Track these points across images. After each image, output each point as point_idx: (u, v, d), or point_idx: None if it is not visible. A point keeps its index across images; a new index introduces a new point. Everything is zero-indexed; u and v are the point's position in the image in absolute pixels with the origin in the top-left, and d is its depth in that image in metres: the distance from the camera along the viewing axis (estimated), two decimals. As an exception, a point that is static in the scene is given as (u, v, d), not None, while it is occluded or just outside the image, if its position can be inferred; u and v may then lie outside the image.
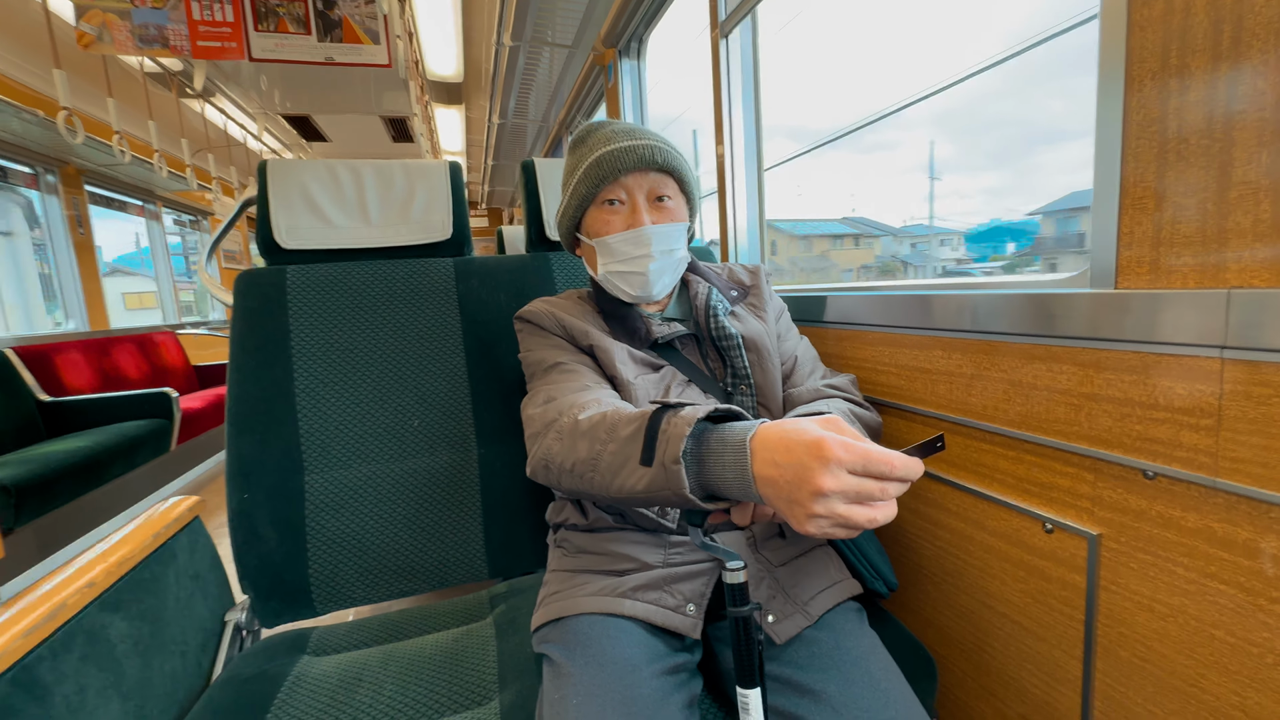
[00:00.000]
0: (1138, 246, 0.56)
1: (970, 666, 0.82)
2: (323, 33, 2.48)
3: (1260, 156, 0.47)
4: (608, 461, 0.57)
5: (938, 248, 4.69)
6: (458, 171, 1.11)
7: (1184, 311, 0.51)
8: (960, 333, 0.75)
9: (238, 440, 0.92)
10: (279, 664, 0.81)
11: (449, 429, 1.03)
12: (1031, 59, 0.98)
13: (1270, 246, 0.47)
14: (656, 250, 0.79)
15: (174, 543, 0.80)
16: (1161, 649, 0.58)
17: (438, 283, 1.07)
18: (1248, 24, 0.47)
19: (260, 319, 0.97)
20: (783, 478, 0.47)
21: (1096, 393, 0.60)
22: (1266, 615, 0.50)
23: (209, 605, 0.85)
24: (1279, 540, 0.48)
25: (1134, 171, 0.55)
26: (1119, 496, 0.60)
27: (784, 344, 0.88)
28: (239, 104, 3.55)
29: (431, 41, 3.09)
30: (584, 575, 0.75)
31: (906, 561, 0.91)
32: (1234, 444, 0.50)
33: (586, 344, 0.79)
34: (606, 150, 0.77)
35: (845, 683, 0.62)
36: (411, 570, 0.99)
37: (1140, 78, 0.54)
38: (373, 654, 0.83)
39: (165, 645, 0.73)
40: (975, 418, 0.75)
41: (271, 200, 1.00)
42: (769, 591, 0.72)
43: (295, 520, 0.93)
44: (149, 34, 2.30)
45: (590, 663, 0.62)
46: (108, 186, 3.90)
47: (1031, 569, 0.70)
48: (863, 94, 10.05)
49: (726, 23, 1.38)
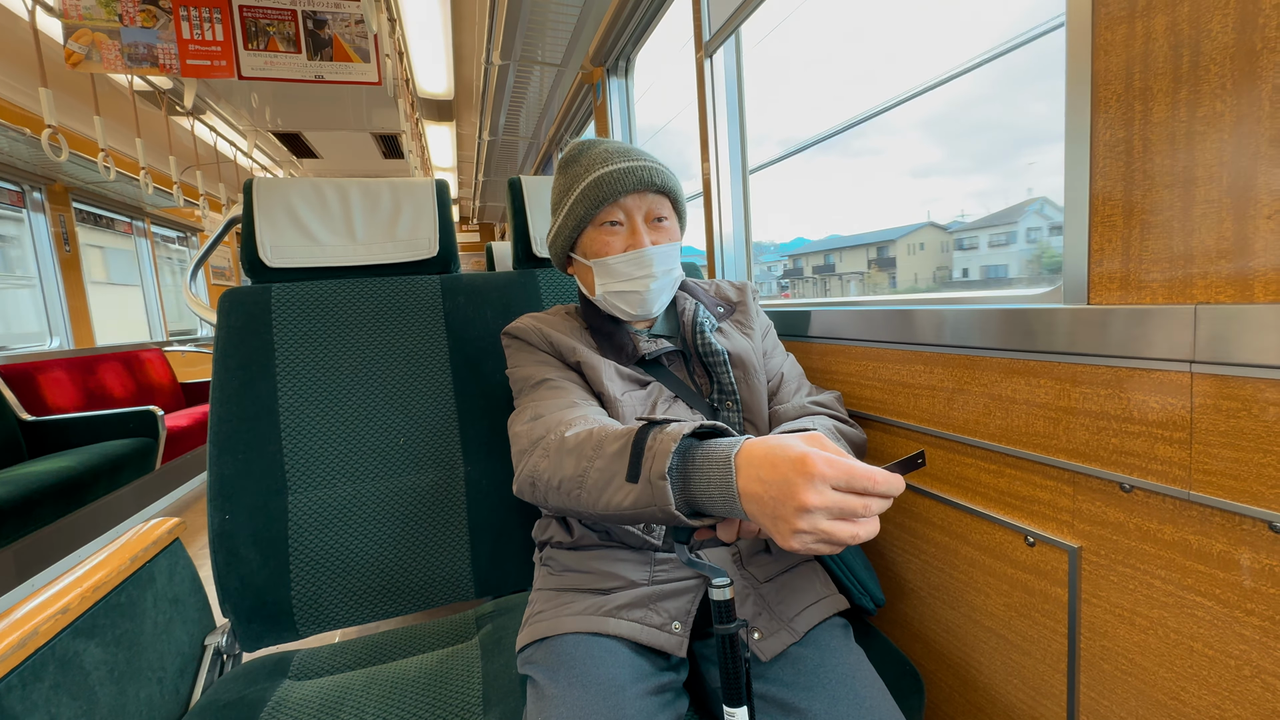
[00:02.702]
0: (1108, 263, 0.57)
1: (957, 682, 0.81)
2: (313, 51, 2.50)
3: (1221, 176, 0.48)
4: (594, 478, 0.57)
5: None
6: (444, 189, 1.11)
7: (1154, 327, 0.52)
8: (941, 347, 0.76)
9: (219, 460, 0.92)
10: (259, 689, 0.79)
11: (435, 447, 1.02)
12: (1013, 62, 1.00)
13: (1233, 263, 0.48)
14: (658, 270, 0.79)
15: (153, 566, 0.78)
16: (1143, 662, 0.58)
17: (424, 300, 1.07)
18: (1205, 49, 0.48)
19: (244, 337, 0.97)
20: (768, 494, 0.47)
21: (1073, 406, 0.61)
22: (1243, 627, 0.50)
23: (188, 629, 0.84)
24: (1252, 552, 0.49)
25: (1103, 189, 0.57)
26: (1098, 509, 0.60)
27: (770, 361, 0.89)
28: (229, 121, 3.55)
29: (422, 59, 3.12)
30: (569, 594, 0.75)
31: (892, 576, 0.91)
32: (1206, 457, 0.50)
33: (574, 360, 0.79)
34: (605, 171, 0.78)
35: (831, 700, 0.62)
36: (396, 590, 0.98)
37: (1106, 99, 0.56)
38: (356, 677, 0.82)
39: (142, 672, 0.71)
40: (957, 431, 0.75)
41: (257, 218, 1.00)
42: (755, 608, 0.71)
43: (278, 541, 0.92)
44: (138, 53, 2.30)
45: (574, 684, 0.62)
46: (95, 204, 3.88)
47: (1015, 582, 0.70)
48: (850, 100, 10.10)
49: (711, 43, 1.41)
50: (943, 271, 4.38)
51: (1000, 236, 1.59)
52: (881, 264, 1.84)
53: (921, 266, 5.94)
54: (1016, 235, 1.60)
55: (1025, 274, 1.64)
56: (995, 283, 1.60)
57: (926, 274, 5.47)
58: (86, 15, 2.22)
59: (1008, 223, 1.50)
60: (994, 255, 1.57)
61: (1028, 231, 1.58)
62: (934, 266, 5.49)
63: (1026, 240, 1.59)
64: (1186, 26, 0.49)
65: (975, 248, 1.48)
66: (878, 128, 1.48)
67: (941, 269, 4.50)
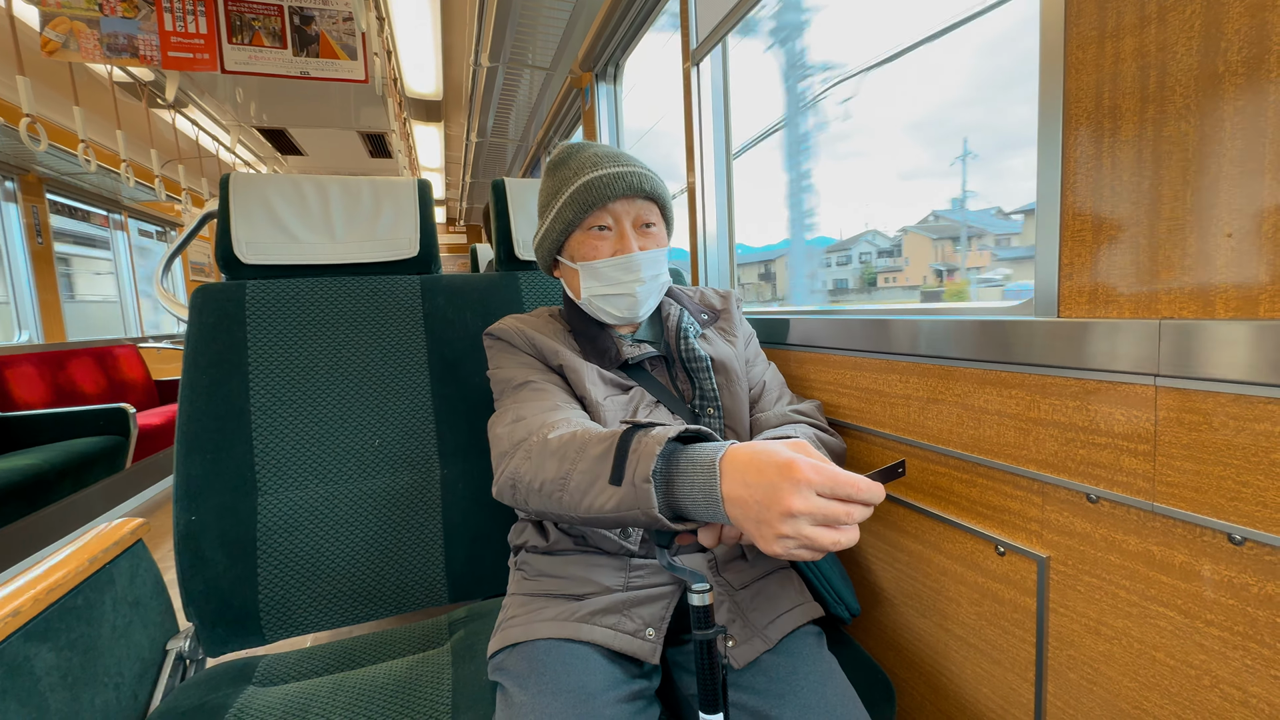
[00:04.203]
0: (1078, 277, 0.58)
1: (929, 690, 0.82)
2: (299, 47, 2.47)
3: (1185, 195, 0.49)
4: (577, 481, 0.57)
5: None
6: (426, 189, 1.10)
7: (1120, 340, 0.53)
8: (917, 357, 0.77)
9: (187, 460, 0.89)
10: (221, 695, 0.77)
11: (411, 448, 1.01)
12: (998, 66, 1.02)
13: (1195, 278, 0.49)
14: (646, 275, 0.79)
15: (113, 567, 0.76)
16: (1108, 672, 0.59)
17: (403, 300, 1.06)
18: (1171, 70, 0.49)
19: (216, 335, 0.95)
20: (752, 498, 0.47)
21: (1043, 418, 0.61)
22: (1203, 637, 0.51)
23: (150, 633, 0.81)
24: (1212, 563, 0.50)
25: (1073, 204, 0.58)
26: (1065, 519, 0.61)
27: (753, 369, 0.89)
28: (212, 115, 3.50)
29: (411, 59, 3.10)
30: (542, 599, 0.74)
31: (868, 585, 0.92)
32: (1169, 469, 0.51)
33: (557, 363, 0.79)
34: (595, 176, 0.78)
35: (802, 709, 0.62)
36: (368, 595, 0.96)
37: (1077, 117, 0.57)
38: (322, 683, 0.80)
39: (97, 677, 0.69)
40: (931, 441, 0.76)
41: (233, 213, 0.99)
42: (729, 615, 0.71)
43: (246, 543, 0.90)
44: (118, 43, 2.26)
45: (543, 691, 0.61)
46: (71, 196, 3.80)
47: (985, 591, 0.71)
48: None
49: (698, 51, 1.42)
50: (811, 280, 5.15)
51: (844, 257, 2.05)
52: (766, 277, 1.91)
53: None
54: (851, 257, 2.07)
55: (854, 286, 2.19)
56: (839, 292, 2.24)
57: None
58: (64, 3, 2.17)
59: (845, 248, 1.96)
60: (840, 271, 2.03)
61: (859, 255, 2.10)
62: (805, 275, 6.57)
63: (859, 260, 2.11)
64: (1154, 49, 0.50)
65: (829, 265, 1.83)
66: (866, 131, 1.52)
67: (811, 278, 5.46)
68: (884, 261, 2.04)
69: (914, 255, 1.89)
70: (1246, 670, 0.48)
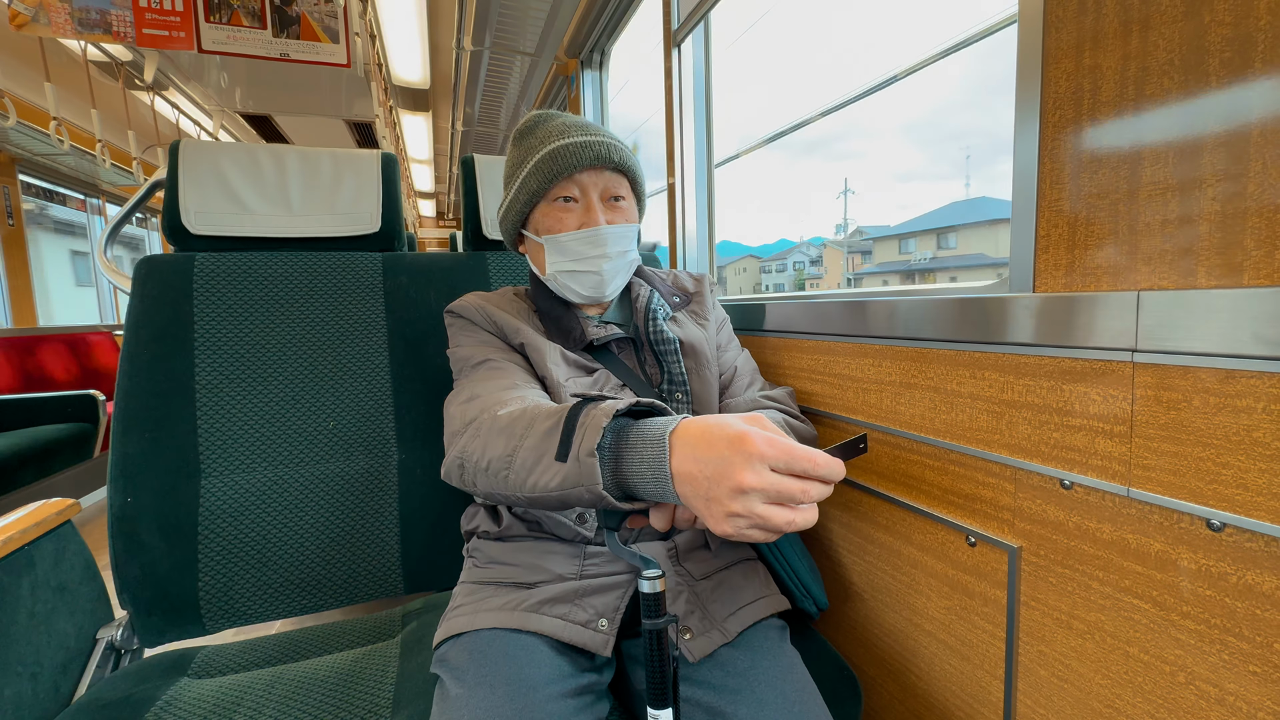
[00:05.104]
0: (1054, 249, 0.55)
1: (897, 688, 0.78)
2: (279, 28, 2.42)
3: (1168, 155, 0.46)
4: (522, 457, 0.53)
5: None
6: (391, 162, 1.06)
7: (1096, 314, 0.50)
8: (890, 339, 0.74)
9: (124, 438, 0.85)
10: (149, 687, 0.72)
11: (367, 432, 0.97)
12: (988, 71, 1.00)
13: (1177, 244, 0.46)
14: (613, 251, 0.76)
15: (33, 549, 0.71)
16: (1079, 668, 0.55)
17: (363, 278, 1.01)
18: (1154, 24, 0.46)
19: (160, 307, 0.90)
20: (702, 473, 0.44)
21: (1016, 399, 0.58)
22: (1178, 631, 0.48)
23: (76, 621, 0.76)
24: (1190, 552, 0.46)
25: (1051, 171, 0.54)
26: (1038, 508, 0.58)
27: (724, 355, 0.86)
28: (194, 99, 3.42)
29: (396, 45, 3.04)
30: (490, 587, 0.70)
31: (836, 578, 0.88)
32: (1146, 451, 0.48)
33: (517, 341, 0.75)
34: (561, 144, 0.74)
35: (759, 705, 0.58)
36: (317, 584, 0.92)
37: (1056, 77, 0.54)
38: (260, 676, 0.76)
39: (9, 666, 0.65)
40: (903, 427, 0.73)
41: (182, 181, 0.94)
42: (687, 607, 0.67)
43: (186, 528, 0.86)
44: (90, 18, 2.19)
45: (481, 684, 0.57)
46: (45, 177, 3.71)
47: (955, 584, 0.68)
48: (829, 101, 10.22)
49: (679, 30, 1.38)
50: (757, 288, 5.61)
51: (783, 265, 2.23)
52: (718, 280, 2.01)
53: (745, 282, 7.54)
54: (786, 265, 2.42)
55: (790, 288, 2.52)
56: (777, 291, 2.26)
57: (749, 287, 7.68)
58: (32, -26, 2.10)
59: (782, 255, 2.12)
60: (779, 277, 2.20)
61: (794, 262, 2.47)
62: (752, 283, 7.04)
63: (794, 268, 2.48)
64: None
65: (769, 271, 1.93)
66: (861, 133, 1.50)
67: (757, 286, 6.13)
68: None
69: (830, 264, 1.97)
70: (1223, 666, 0.45)
